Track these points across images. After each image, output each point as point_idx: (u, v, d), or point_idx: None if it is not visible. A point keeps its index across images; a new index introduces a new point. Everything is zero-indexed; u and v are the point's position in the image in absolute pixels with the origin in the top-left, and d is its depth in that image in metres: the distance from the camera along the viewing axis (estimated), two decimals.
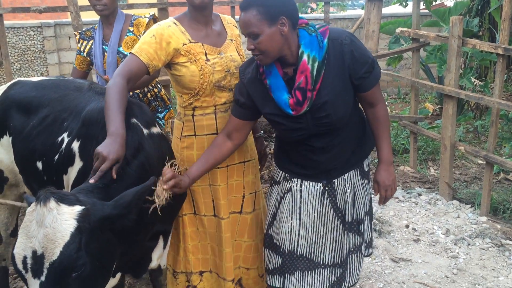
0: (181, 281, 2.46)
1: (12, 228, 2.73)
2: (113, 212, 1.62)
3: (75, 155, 2.07)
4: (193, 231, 2.39)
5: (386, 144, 2.13)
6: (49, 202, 1.51)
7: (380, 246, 3.47)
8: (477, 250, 3.35)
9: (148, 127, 2.07)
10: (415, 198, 4.19)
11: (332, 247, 2.23)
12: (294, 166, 2.17)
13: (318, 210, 2.17)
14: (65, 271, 1.50)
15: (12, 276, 3.18)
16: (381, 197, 2.20)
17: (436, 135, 4.38)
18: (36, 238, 1.50)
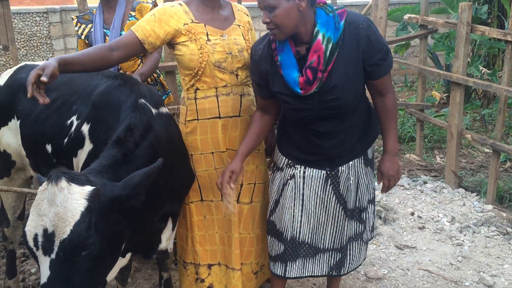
0: (191, 273, 2.47)
1: (19, 212, 2.75)
2: (122, 193, 1.64)
3: (85, 138, 2.09)
4: (200, 219, 2.40)
5: (393, 135, 2.13)
6: (60, 181, 1.54)
7: (385, 233, 3.47)
8: (482, 238, 3.35)
9: (157, 107, 2.08)
10: (421, 186, 4.18)
11: (333, 232, 2.25)
12: (297, 152, 2.16)
13: (320, 196, 2.18)
14: (75, 249, 1.52)
15: (19, 259, 3.21)
16: (384, 186, 2.21)
17: (442, 123, 4.36)
18: (47, 217, 1.53)
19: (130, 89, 2.08)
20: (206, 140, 2.27)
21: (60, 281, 1.54)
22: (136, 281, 2.95)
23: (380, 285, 2.91)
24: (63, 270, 1.53)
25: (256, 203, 2.42)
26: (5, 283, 2.79)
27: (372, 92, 2.11)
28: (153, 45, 2.12)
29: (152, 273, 3.01)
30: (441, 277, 2.95)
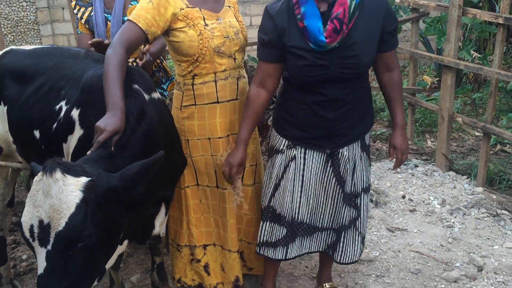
0: (185, 255, 2.48)
1: (8, 199, 2.72)
2: (118, 184, 1.61)
3: (74, 123, 2.06)
4: (195, 203, 2.39)
5: (401, 109, 2.21)
6: (55, 172, 1.51)
7: (376, 216, 3.49)
8: (472, 220, 3.38)
9: (149, 92, 2.06)
10: (412, 169, 4.20)
11: (331, 213, 2.27)
12: (297, 131, 2.14)
13: (320, 177, 2.19)
14: (70, 241, 1.51)
15: (10, 246, 3.19)
16: (398, 160, 2.26)
17: (434, 107, 4.37)
18: (42, 208, 1.51)
19: None
20: (203, 125, 2.25)
21: (57, 272, 1.54)
22: (128, 266, 2.94)
23: (371, 266, 2.93)
24: (59, 261, 1.53)
25: (259, 184, 2.43)
26: None
27: (381, 68, 2.17)
28: (154, 35, 2.06)
29: (145, 258, 3.01)
30: (432, 259, 2.98)
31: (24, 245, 3.28)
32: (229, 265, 2.42)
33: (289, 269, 2.90)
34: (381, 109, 5.63)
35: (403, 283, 2.77)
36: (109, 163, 1.74)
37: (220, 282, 2.49)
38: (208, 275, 2.48)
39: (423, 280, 2.79)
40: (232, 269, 2.43)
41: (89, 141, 1.88)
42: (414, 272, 2.86)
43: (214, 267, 2.48)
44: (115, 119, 1.77)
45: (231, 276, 2.44)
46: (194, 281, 2.52)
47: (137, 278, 2.82)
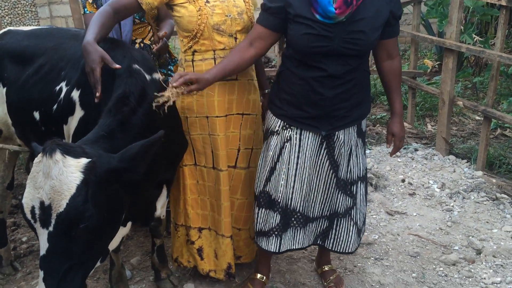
0: (182, 234, 2.49)
1: (8, 181, 2.72)
2: (119, 165, 1.60)
3: (75, 104, 2.05)
4: (193, 183, 2.39)
5: (399, 97, 2.24)
6: (55, 154, 1.50)
7: (375, 199, 3.49)
8: (472, 203, 3.39)
9: (150, 73, 2.04)
10: (412, 153, 4.19)
11: (323, 200, 2.24)
12: (294, 109, 2.11)
13: (314, 160, 2.17)
14: (72, 222, 1.50)
15: (10, 228, 3.20)
16: (395, 147, 2.29)
17: (434, 90, 4.35)
18: (43, 189, 1.51)
19: (123, 53, 2.02)
20: (202, 103, 2.24)
21: (59, 253, 1.55)
22: (128, 249, 2.95)
23: (370, 250, 2.94)
24: (61, 242, 1.53)
25: (253, 169, 2.41)
26: None
27: (382, 55, 2.17)
28: (150, 6, 2.08)
29: (144, 240, 3.02)
30: (431, 242, 2.99)
31: (24, 227, 3.28)
32: (222, 251, 2.41)
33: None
34: (381, 93, 5.60)
35: (402, 266, 2.78)
36: (108, 143, 1.73)
37: (212, 270, 2.49)
38: (201, 259, 2.48)
39: (422, 263, 2.80)
40: (224, 255, 2.41)
41: (89, 123, 1.87)
42: (413, 255, 2.87)
43: (208, 252, 2.47)
44: (90, 54, 1.85)
45: (223, 263, 2.43)
46: (189, 263, 2.54)
47: (137, 260, 2.83)
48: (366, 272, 2.72)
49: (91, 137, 1.73)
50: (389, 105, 2.28)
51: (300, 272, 2.71)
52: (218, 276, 2.48)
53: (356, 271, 2.74)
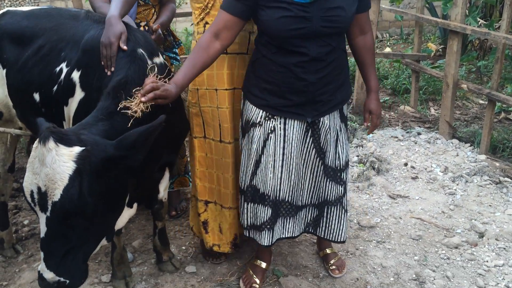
0: (194, 205, 2.56)
1: (9, 164, 2.71)
2: (116, 154, 1.57)
3: (75, 86, 2.03)
4: (201, 156, 2.42)
5: (374, 73, 2.21)
6: (48, 142, 1.49)
7: (378, 183, 3.48)
8: (474, 187, 3.37)
9: (152, 57, 2.01)
10: (415, 137, 4.17)
11: (311, 188, 2.22)
12: (276, 98, 2.04)
13: (301, 149, 2.12)
14: (66, 211, 1.51)
15: (11, 211, 3.20)
16: (373, 125, 2.26)
17: (438, 73, 4.30)
18: (39, 176, 1.50)
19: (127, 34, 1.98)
20: (212, 75, 2.25)
21: (57, 237, 1.56)
22: (130, 232, 2.95)
23: (372, 233, 2.93)
24: (58, 227, 1.54)
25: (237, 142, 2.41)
26: None
27: (355, 31, 2.13)
28: None
29: (146, 223, 3.02)
30: (433, 225, 2.98)
31: (25, 210, 3.28)
32: (228, 223, 2.46)
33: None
34: (384, 76, 5.56)
35: (404, 248, 2.78)
36: (108, 126, 1.70)
37: (216, 244, 2.51)
38: (205, 233, 2.51)
39: (424, 246, 2.80)
40: (231, 227, 2.46)
41: (90, 104, 1.85)
42: (415, 238, 2.86)
43: (213, 226, 2.50)
44: (112, 27, 1.88)
45: (229, 236, 2.48)
46: (200, 234, 2.58)
47: (139, 243, 2.83)
48: (368, 255, 2.72)
49: (90, 121, 1.71)
50: (364, 82, 2.25)
51: (301, 255, 2.70)
52: (222, 250, 2.51)
53: (358, 254, 2.74)
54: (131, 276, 2.44)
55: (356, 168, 3.70)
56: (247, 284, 2.41)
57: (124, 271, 2.42)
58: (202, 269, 2.59)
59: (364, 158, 3.79)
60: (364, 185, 3.47)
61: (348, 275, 2.55)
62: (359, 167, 3.71)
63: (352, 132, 4.29)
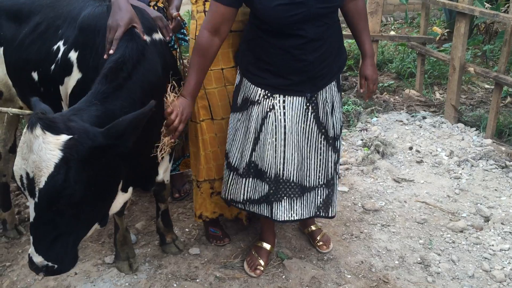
0: (205, 189, 2.49)
1: (10, 144, 2.68)
2: (104, 142, 1.53)
3: (72, 65, 1.98)
4: (211, 136, 2.38)
5: (368, 39, 2.19)
6: (35, 128, 1.46)
7: (382, 167, 3.45)
8: (480, 171, 3.34)
9: (150, 33, 1.96)
10: (420, 121, 4.12)
11: (317, 166, 2.19)
12: (274, 79, 2.02)
13: (302, 127, 2.09)
14: (52, 199, 1.49)
15: (14, 193, 3.18)
16: (369, 91, 2.24)
17: (445, 56, 4.23)
18: (27, 162, 1.48)
19: None
20: (216, 55, 2.16)
21: (46, 223, 1.55)
22: (133, 214, 2.93)
23: (377, 216, 2.91)
24: (46, 214, 1.53)
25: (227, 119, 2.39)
26: (0, 216, 2.76)
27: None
28: None
29: (149, 206, 3.00)
30: (438, 209, 2.96)
31: None
32: None
33: None
34: (389, 60, 5.49)
35: (409, 232, 2.76)
36: (101, 110, 1.66)
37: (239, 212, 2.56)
38: (228, 206, 2.48)
39: (429, 229, 2.78)
40: None
41: (87, 84, 1.81)
42: (420, 222, 2.84)
43: None
44: (121, 11, 1.80)
45: None
46: (215, 213, 2.56)
47: (142, 225, 2.81)
48: (373, 238, 2.70)
49: (82, 105, 1.66)
50: (359, 47, 2.23)
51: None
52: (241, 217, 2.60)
53: (362, 237, 2.72)
54: (134, 257, 2.43)
55: (360, 152, 3.67)
56: (251, 265, 2.39)
57: (128, 252, 2.41)
58: (206, 251, 2.58)
59: (369, 141, 3.75)
60: (368, 168, 3.44)
61: (353, 258, 2.53)
62: (363, 151, 3.68)
63: (357, 116, 4.25)
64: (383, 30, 7.04)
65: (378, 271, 2.44)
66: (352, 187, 3.23)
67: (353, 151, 3.73)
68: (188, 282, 2.34)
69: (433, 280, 2.37)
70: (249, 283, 2.34)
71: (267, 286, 2.33)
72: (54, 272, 1.63)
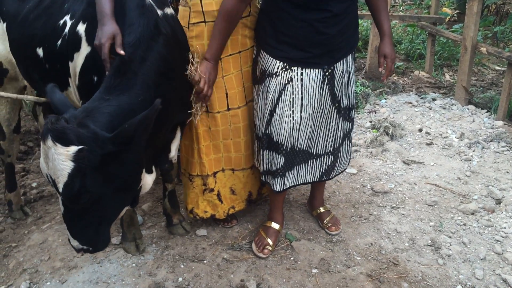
0: (198, 185, 2.43)
1: (14, 124, 2.64)
2: (113, 149, 1.54)
3: (81, 39, 1.93)
4: (205, 130, 2.32)
5: (387, 18, 2.20)
6: (47, 139, 1.48)
7: (392, 149, 3.39)
8: (491, 153, 3.28)
9: (162, 7, 1.91)
10: (429, 103, 4.05)
11: (326, 136, 2.24)
12: (294, 51, 2.03)
13: (317, 98, 2.12)
14: (73, 201, 1.56)
15: (19, 174, 3.16)
16: (388, 69, 2.25)
17: (456, 36, 4.14)
18: (48, 166, 1.53)
19: None
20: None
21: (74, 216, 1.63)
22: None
23: (386, 198, 2.87)
24: (74, 209, 1.61)
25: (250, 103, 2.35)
26: (6, 196, 2.74)
27: None
28: None
29: (156, 187, 2.96)
30: (449, 191, 2.91)
31: (34, 173, 3.24)
32: (242, 183, 2.44)
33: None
34: (398, 42, 5.40)
35: (419, 214, 2.71)
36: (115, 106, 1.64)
37: (231, 206, 2.49)
38: (221, 203, 2.46)
39: (439, 212, 2.73)
40: (245, 186, 2.45)
41: (97, 59, 1.77)
42: (430, 204, 2.79)
43: (224, 193, 2.46)
44: (104, 27, 1.73)
45: (243, 194, 2.47)
46: (206, 213, 2.47)
47: (148, 206, 2.78)
48: (382, 220, 2.66)
49: (95, 104, 1.64)
50: (377, 27, 2.24)
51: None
52: (238, 208, 2.52)
53: (371, 219, 2.68)
54: (141, 238, 2.40)
55: (369, 134, 3.62)
56: (259, 245, 2.36)
57: (134, 233, 2.38)
58: (213, 232, 2.55)
59: (377, 123, 3.70)
60: (377, 150, 3.38)
61: (362, 240, 2.49)
62: (372, 133, 3.62)
63: (365, 97, 4.18)
64: (391, 11, 6.92)
65: (388, 253, 2.40)
66: (360, 169, 3.18)
67: (362, 133, 3.68)
68: (195, 263, 2.32)
69: (444, 263, 2.34)
70: (257, 265, 2.31)
71: (275, 267, 2.30)
72: (90, 252, 1.76)
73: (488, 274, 2.26)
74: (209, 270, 2.26)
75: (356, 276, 2.23)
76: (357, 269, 2.28)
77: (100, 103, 1.64)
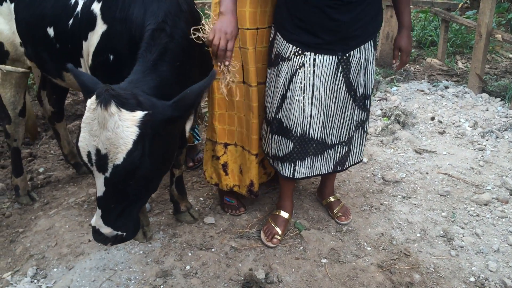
0: (208, 149, 2.46)
1: (20, 107, 2.60)
2: (174, 114, 1.56)
3: (96, 18, 1.90)
4: (221, 98, 2.31)
5: (408, 9, 2.14)
6: (110, 106, 1.44)
7: (403, 137, 3.33)
8: (505, 143, 3.21)
9: None
10: (442, 91, 3.97)
11: (340, 125, 2.19)
12: (307, 36, 1.98)
13: (331, 86, 2.07)
14: (128, 174, 1.52)
15: (26, 159, 3.13)
16: (402, 63, 2.20)
17: (471, 23, 4.04)
18: (99, 138, 1.49)
19: None
20: None
21: (116, 196, 1.59)
22: None
23: (397, 188, 2.82)
24: (118, 187, 1.56)
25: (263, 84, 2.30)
26: (13, 181, 2.72)
27: None
28: None
29: None
30: (462, 181, 2.85)
31: (40, 158, 3.21)
32: (246, 167, 2.40)
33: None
34: None
35: (431, 204, 2.66)
36: (157, 79, 1.68)
37: (236, 185, 2.47)
38: (226, 175, 2.45)
39: (452, 202, 2.68)
40: (248, 171, 2.39)
41: (114, 37, 1.76)
42: (443, 194, 2.74)
43: (233, 168, 2.44)
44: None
45: (246, 179, 2.42)
46: (212, 179, 2.51)
47: (156, 193, 2.75)
48: (393, 210, 2.61)
49: (138, 76, 1.66)
50: (397, 17, 2.19)
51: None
52: (241, 191, 2.47)
53: (382, 209, 2.63)
54: (148, 225, 2.37)
55: (379, 122, 3.55)
56: (268, 234, 2.33)
57: (142, 220, 2.34)
58: (221, 220, 2.51)
59: (388, 111, 3.63)
60: (388, 139, 3.32)
61: (373, 230, 2.45)
62: (383, 121, 3.55)
63: (376, 85, 4.11)
64: None
65: (399, 243, 2.36)
66: (371, 158, 3.13)
67: (372, 121, 3.61)
68: (203, 251, 2.29)
69: (457, 254, 2.29)
70: (266, 254, 2.28)
71: (284, 257, 2.26)
72: (122, 240, 1.70)
73: (502, 266, 2.21)
74: (217, 259, 2.23)
75: (366, 267, 2.19)
76: (368, 260, 2.24)
77: (143, 76, 1.67)
